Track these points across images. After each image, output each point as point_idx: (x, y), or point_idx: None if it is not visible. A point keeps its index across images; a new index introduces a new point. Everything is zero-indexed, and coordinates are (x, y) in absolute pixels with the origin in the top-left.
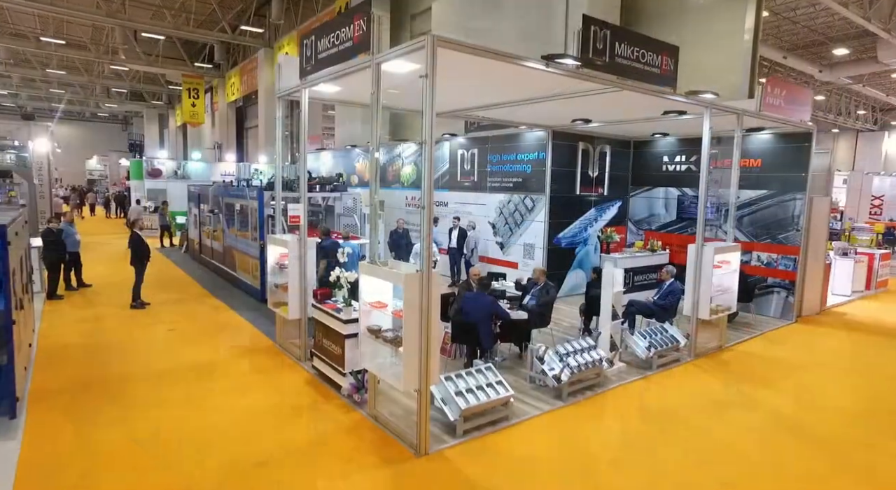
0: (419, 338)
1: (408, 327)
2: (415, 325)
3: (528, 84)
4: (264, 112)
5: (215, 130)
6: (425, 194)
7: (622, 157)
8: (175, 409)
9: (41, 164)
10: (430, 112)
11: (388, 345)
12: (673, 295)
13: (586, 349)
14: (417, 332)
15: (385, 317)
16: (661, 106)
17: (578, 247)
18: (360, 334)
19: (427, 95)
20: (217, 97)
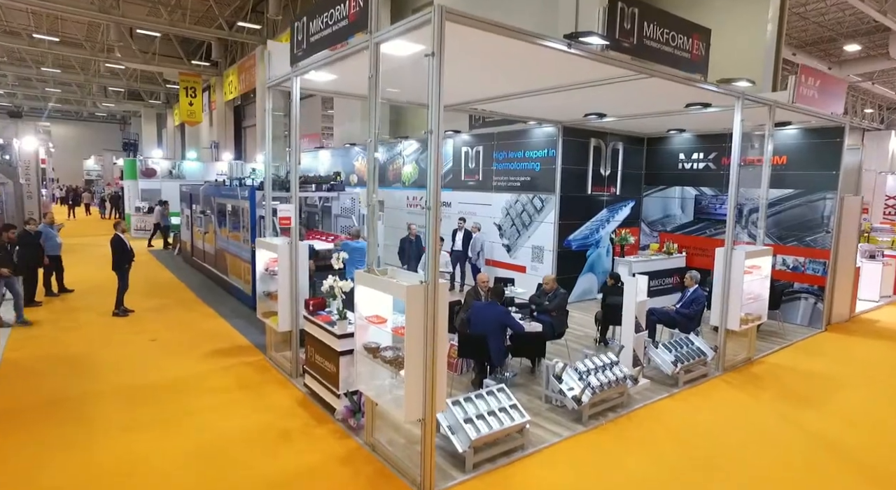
0: (424, 360)
1: (410, 347)
2: (418, 345)
3: (545, 71)
4: (262, 110)
5: (213, 129)
6: (431, 193)
7: (635, 154)
8: (145, 431)
9: (28, 163)
10: (437, 97)
11: (387, 366)
12: (697, 303)
13: (608, 366)
14: (421, 354)
15: (384, 333)
16: (685, 97)
17: (590, 249)
18: (355, 352)
19: (434, 78)
20: (215, 96)
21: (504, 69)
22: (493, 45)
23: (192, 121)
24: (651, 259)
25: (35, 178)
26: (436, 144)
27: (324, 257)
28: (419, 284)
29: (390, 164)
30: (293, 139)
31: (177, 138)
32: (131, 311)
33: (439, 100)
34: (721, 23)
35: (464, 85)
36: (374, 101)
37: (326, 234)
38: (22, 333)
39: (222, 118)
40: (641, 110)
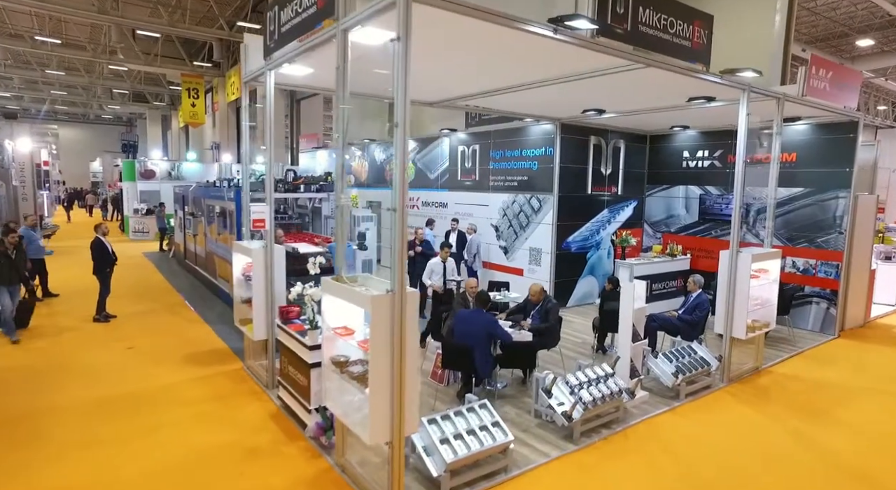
0: (390, 377)
1: (375, 363)
2: (384, 361)
3: (533, 61)
4: (261, 110)
5: (216, 131)
6: (397, 194)
7: (638, 152)
8: (103, 449)
9: (24, 165)
10: (402, 87)
11: (354, 382)
12: (701, 309)
13: (602, 378)
14: (388, 370)
15: (353, 346)
16: (687, 90)
17: (590, 251)
18: (323, 366)
19: (399, 64)
20: (217, 97)
21: (490, 61)
22: (477, 34)
23: (194, 122)
24: (653, 261)
25: (31, 179)
26: (401, 140)
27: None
28: (385, 294)
29: (387, 164)
30: (268, 138)
31: (181, 140)
32: (113, 316)
33: (405, 90)
34: (726, 13)
35: (452, 79)
36: (342, 94)
37: (315, 237)
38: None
39: (225, 119)
40: (642, 105)
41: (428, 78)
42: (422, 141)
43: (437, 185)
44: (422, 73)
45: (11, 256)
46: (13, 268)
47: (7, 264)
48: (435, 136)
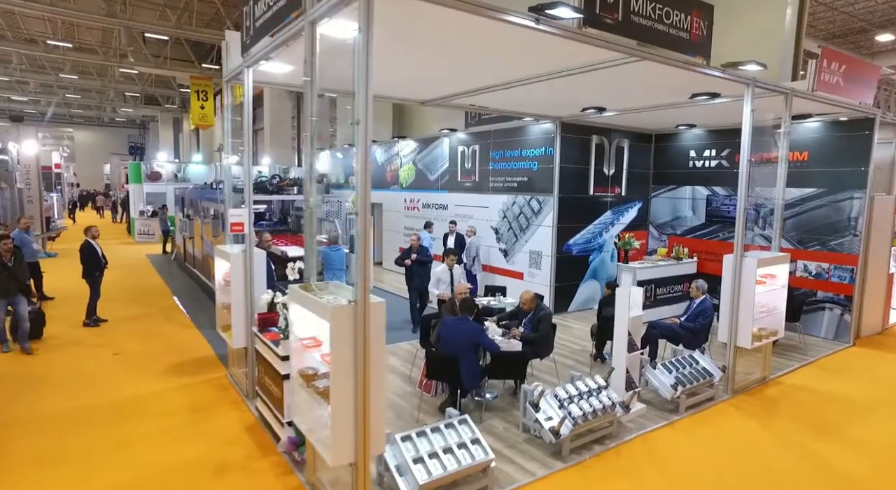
0: (353, 393)
1: (337, 379)
2: (346, 377)
3: (518, 55)
4: (269, 113)
5: (220, 132)
6: (360, 196)
7: (642, 152)
8: (64, 467)
9: (29, 168)
10: (364, 80)
11: (319, 398)
12: (704, 316)
13: (595, 391)
14: (351, 386)
15: (319, 359)
16: (690, 85)
17: (592, 254)
18: (291, 378)
19: (360, 58)
20: (225, 99)
21: (473, 56)
22: (454, 26)
23: (203, 124)
24: (658, 265)
25: (36, 182)
26: (363, 137)
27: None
28: (346, 304)
29: (388, 164)
30: (245, 137)
31: (192, 142)
32: (104, 320)
33: (367, 85)
34: (735, 7)
35: (438, 76)
36: (311, 92)
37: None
38: None
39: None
40: (643, 103)
41: (414, 75)
42: (422, 141)
43: (438, 187)
44: (408, 70)
45: (9, 265)
46: (12, 277)
47: (5, 275)
48: (435, 136)
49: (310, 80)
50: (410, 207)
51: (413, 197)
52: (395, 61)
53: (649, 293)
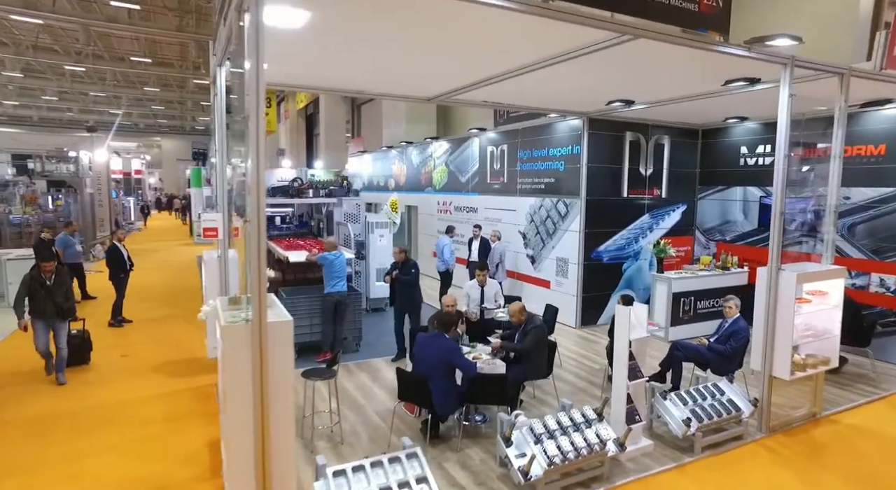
0: (252, 427)
1: (230, 410)
2: (242, 407)
3: (495, 41)
4: (324, 117)
5: (286, 137)
6: (252, 201)
7: (687, 149)
8: (18, 476)
9: (100, 174)
10: (255, 68)
11: None
12: (737, 337)
13: (582, 425)
14: (249, 418)
15: None
16: (720, 70)
17: (627, 262)
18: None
19: (251, 43)
20: (288, 105)
21: (446, 46)
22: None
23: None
24: (698, 275)
25: (106, 187)
26: (255, 133)
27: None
28: (240, 323)
29: (422, 166)
30: (218, 136)
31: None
32: (129, 321)
33: (258, 71)
34: None
35: (430, 70)
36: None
37: (314, 244)
38: (10, 344)
39: (294, 126)
40: (672, 93)
41: (405, 69)
42: (454, 142)
43: (468, 189)
44: (397, 65)
45: (47, 284)
46: (49, 298)
47: (43, 295)
48: (466, 136)
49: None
50: (443, 210)
51: (445, 199)
52: (385, 55)
53: (688, 307)
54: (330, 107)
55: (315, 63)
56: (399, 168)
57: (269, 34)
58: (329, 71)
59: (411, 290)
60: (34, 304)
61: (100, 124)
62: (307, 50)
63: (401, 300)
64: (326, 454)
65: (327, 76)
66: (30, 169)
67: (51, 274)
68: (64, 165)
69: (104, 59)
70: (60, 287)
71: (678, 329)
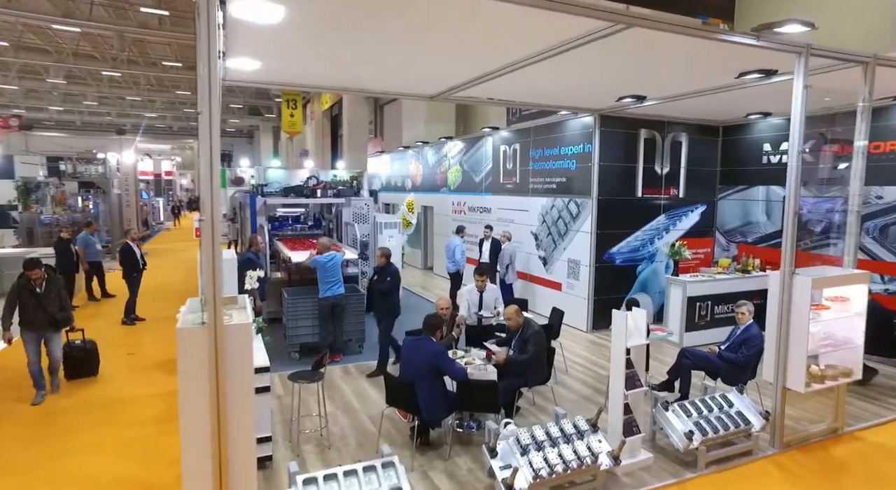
0: (209, 434)
1: (187, 416)
2: (198, 415)
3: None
4: (347, 118)
5: (311, 138)
6: (206, 199)
7: (706, 147)
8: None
9: (127, 175)
10: (206, 54)
11: None
12: (749, 345)
13: (575, 435)
14: (205, 425)
15: None
16: (732, 62)
17: (642, 264)
18: None
19: (202, 31)
20: (314, 106)
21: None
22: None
23: (292, 131)
24: (716, 278)
25: (133, 187)
26: (207, 130)
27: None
28: (196, 326)
29: (438, 167)
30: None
31: (289, 149)
32: (141, 319)
33: (209, 68)
34: None
35: (429, 67)
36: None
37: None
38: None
39: (320, 127)
40: (684, 88)
41: (401, 67)
42: (468, 141)
43: (482, 189)
44: (392, 62)
45: (37, 293)
46: (40, 307)
47: (34, 304)
48: (480, 135)
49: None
50: (457, 211)
51: (460, 200)
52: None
53: (704, 311)
54: (353, 107)
55: (311, 61)
56: (416, 168)
57: (265, 32)
58: (325, 69)
59: (385, 299)
60: (24, 315)
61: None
62: (300, 47)
63: (377, 308)
64: (311, 459)
65: (323, 74)
66: (61, 170)
67: (40, 281)
68: (93, 167)
69: (138, 65)
70: (52, 295)
71: (693, 335)
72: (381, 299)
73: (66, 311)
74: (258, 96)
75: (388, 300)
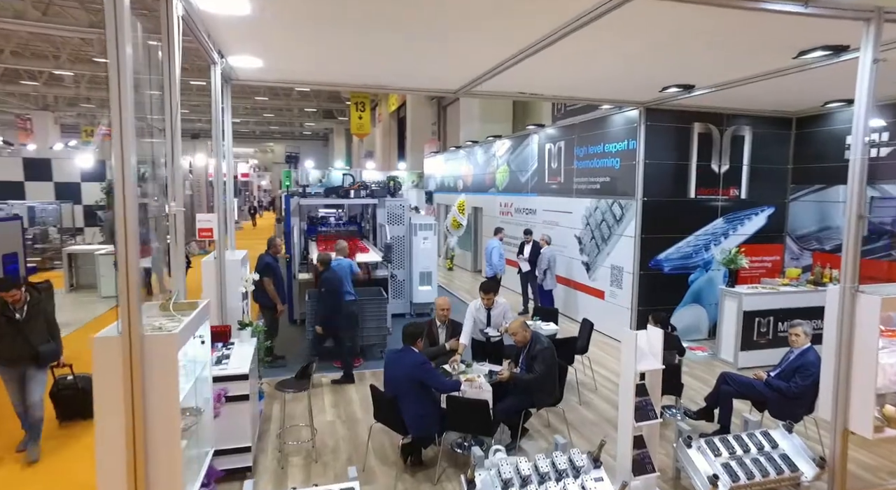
0: (125, 453)
1: (103, 434)
2: (112, 432)
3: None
4: (410, 119)
5: (379, 140)
6: (118, 193)
7: (776, 141)
8: None
9: (199, 177)
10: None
11: None
12: (804, 373)
13: (570, 471)
14: (120, 445)
15: None
16: (778, 38)
17: (695, 272)
18: None
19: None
20: (381, 109)
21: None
22: None
23: (360, 133)
24: (779, 291)
25: (205, 189)
26: (115, 120)
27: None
28: (113, 335)
29: (487, 167)
30: (215, 134)
31: (360, 151)
32: None
33: (169, 67)
34: None
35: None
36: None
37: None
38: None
39: (387, 129)
40: (732, 73)
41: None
42: (514, 140)
43: (528, 190)
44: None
45: (17, 320)
46: (20, 336)
47: (12, 333)
48: (526, 134)
49: (168, 65)
50: (504, 212)
51: (507, 201)
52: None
53: (764, 329)
54: (416, 108)
55: (309, 58)
56: (467, 168)
57: (252, 28)
58: (330, 65)
59: (336, 301)
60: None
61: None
62: (293, 44)
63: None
64: (294, 472)
65: (334, 71)
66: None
67: (20, 304)
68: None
69: None
70: (36, 321)
71: (750, 355)
72: (331, 299)
73: (54, 341)
74: (331, 99)
75: (336, 300)
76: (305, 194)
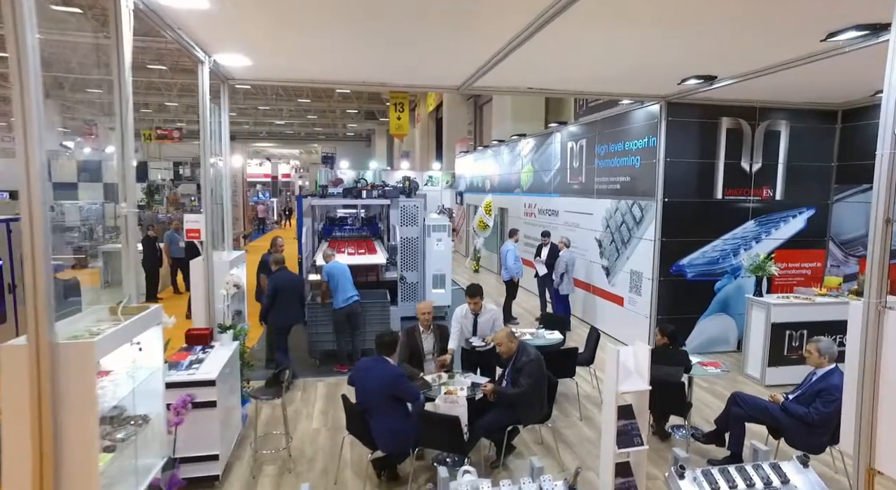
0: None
1: (7, 455)
2: (19, 450)
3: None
4: (446, 119)
5: (418, 140)
6: (23, 192)
7: (817, 136)
8: None
9: (235, 177)
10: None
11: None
12: (826, 398)
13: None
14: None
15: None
16: (801, 17)
17: (722, 279)
18: None
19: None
20: (420, 109)
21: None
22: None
23: (399, 134)
24: (814, 301)
25: (241, 188)
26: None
27: None
28: (21, 344)
29: (512, 166)
30: (202, 135)
31: (400, 151)
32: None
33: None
34: None
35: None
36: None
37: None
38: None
39: (425, 129)
40: (756, 61)
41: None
42: (538, 139)
43: (551, 190)
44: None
45: None
46: None
47: None
48: (549, 132)
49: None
50: (528, 213)
51: (531, 201)
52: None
53: (796, 343)
54: (452, 108)
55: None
56: (494, 168)
57: (241, 24)
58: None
59: (294, 297)
60: None
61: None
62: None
63: (278, 309)
64: (265, 482)
65: (327, 68)
66: (179, 174)
67: None
68: None
69: None
70: None
71: (779, 371)
72: (286, 294)
73: None
74: (372, 101)
75: (293, 297)
76: (325, 195)
